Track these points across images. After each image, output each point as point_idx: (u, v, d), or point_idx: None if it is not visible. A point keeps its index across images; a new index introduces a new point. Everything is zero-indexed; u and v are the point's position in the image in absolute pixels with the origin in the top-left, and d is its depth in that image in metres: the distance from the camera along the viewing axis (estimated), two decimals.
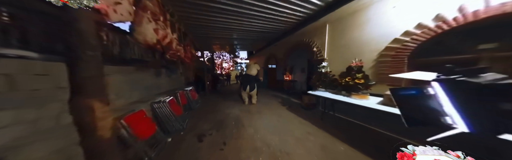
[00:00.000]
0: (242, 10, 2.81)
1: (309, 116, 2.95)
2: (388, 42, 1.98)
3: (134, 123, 1.42)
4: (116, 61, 1.81)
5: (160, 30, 1.90)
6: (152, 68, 2.70)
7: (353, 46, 2.54)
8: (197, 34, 4.44)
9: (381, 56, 2.08)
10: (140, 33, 1.60)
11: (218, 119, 2.79)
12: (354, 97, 2.10)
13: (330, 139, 1.91)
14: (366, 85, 2.09)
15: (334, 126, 2.37)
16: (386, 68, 2.01)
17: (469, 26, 1.35)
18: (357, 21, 2.46)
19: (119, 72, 1.78)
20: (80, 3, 0.90)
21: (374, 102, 1.80)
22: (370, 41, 2.26)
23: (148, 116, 1.71)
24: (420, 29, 1.65)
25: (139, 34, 1.60)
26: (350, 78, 2.31)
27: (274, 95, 5.57)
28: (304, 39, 3.84)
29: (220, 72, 13.92)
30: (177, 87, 3.81)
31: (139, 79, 2.23)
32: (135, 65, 2.12)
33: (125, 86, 1.88)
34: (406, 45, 1.78)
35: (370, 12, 2.26)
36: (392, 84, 1.95)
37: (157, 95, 2.57)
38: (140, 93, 2.22)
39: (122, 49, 1.89)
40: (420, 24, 1.65)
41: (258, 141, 1.88)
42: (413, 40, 1.71)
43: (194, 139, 1.96)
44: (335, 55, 2.98)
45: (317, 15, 2.97)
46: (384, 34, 2.04)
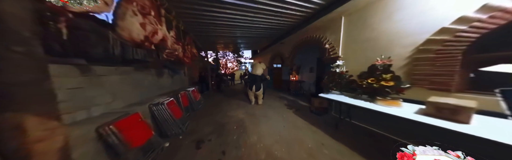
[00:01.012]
0: (244, 3, 2.48)
1: (321, 122, 2.57)
2: (430, 34, 1.53)
3: (127, 128, 1.30)
4: (112, 61, 1.69)
5: (148, 26, 1.64)
6: (153, 68, 2.55)
7: (379, 40, 2.09)
8: (198, 32, 4.20)
9: (418, 51, 1.63)
10: (124, 29, 1.34)
11: (220, 123, 2.59)
12: (380, 103, 1.68)
13: (349, 154, 1.55)
14: (398, 88, 1.65)
15: (352, 137, 1.97)
16: (427, 67, 1.56)
17: None
18: (383, 9, 2.01)
19: (115, 73, 1.68)
20: (80, 3, 0.92)
21: (410, 110, 1.38)
22: (402, 33, 1.81)
23: (143, 120, 1.57)
24: (487, 12, 1.19)
25: (123, 30, 1.34)
26: (373, 79, 1.88)
27: (280, 96, 5.18)
28: (314, 35, 3.42)
29: (225, 72, 13.78)
30: (181, 88, 3.70)
31: (138, 79, 2.13)
32: (134, 65, 2.01)
33: (121, 87, 1.77)
34: (461, 36, 1.32)
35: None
36: (435, 88, 1.50)
37: (158, 96, 2.45)
38: (139, 94, 2.13)
39: (114, 47, 1.71)
40: (487, 6, 1.19)
41: (261, 152, 1.62)
42: (474, 28, 1.25)
43: (192, 145, 1.80)
44: (352, 52, 2.54)
45: (331, 6, 2.54)
46: (424, 24, 1.59)
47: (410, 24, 1.73)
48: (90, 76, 1.38)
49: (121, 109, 1.62)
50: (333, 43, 2.90)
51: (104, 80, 1.53)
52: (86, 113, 1.32)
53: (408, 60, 1.74)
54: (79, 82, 1.27)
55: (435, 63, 1.49)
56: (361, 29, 2.33)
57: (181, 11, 2.71)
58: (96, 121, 1.22)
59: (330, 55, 2.97)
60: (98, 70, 1.46)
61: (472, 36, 1.27)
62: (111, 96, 1.61)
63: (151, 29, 1.67)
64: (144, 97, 2.21)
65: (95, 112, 1.40)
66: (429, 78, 1.55)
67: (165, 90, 2.96)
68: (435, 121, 1.10)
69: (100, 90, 1.48)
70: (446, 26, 1.42)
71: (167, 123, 1.97)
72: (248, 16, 3.05)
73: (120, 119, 1.31)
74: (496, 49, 1.22)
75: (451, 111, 1.11)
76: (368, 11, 2.22)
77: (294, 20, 3.39)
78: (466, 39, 1.30)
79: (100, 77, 1.48)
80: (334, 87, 2.51)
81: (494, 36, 1.20)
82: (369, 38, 2.22)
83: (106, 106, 1.53)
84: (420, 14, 1.64)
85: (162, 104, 1.99)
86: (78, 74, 1.27)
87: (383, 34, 2.03)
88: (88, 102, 1.35)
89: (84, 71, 1.32)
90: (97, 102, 1.44)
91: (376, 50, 2.10)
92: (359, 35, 2.38)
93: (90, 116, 1.34)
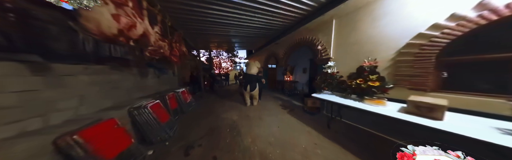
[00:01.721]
0: (238, 1, 2.44)
1: (314, 122, 2.66)
2: (409, 38, 1.68)
3: (98, 137, 1.15)
4: (82, 58, 1.49)
5: (124, 18, 1.41)
6: (135, 68, 2.36)
7: (366, 43, 2.24)
8: (189, 29, 4.02)
9: (400, 54, 1.78)
10: (90, 20, 1.14)
11: (212, 126, 2.50)
12: (368, 102, 1.81)
13: (342, 153, 1.62)
14: (383, 88, 1.79)
15: (344, 135, 2.08)
16: (407, 69, 1.70)
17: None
18: (370, 14, 2.16)
19: (84, 72, 1.48)
20: (80, 3, 0.90)
21: (394, 109, 1.51)
22: (386, 37, 1.96)
23: (120, 126, 1.42)
24: (455, 20, 1.35)
25: (89, 21, 1.14)
26: (362, 80, 2.01)
27: (274, 96, 5.27)
28: (307, 37, 3.54)
29: (218, 71, 13.62)
30: (169, 89, 3.52)
31: (116, 80, 1.93)
32: (111, 64, 1.80)
33: (93, 89, 1.59)
34: (434, 41, 1.47)
35: (386, 4, 1.95)
36: (415, 88, 1.65)
37: (142, 98, 2.27)
38: (116, 97, 1.92)
39: (85, 42, 1.52)
40: (454, 15, 1.35)
41: (255, 155, 1.58)
42: (445, 34, 1.41)
43: (180, 152, 1.67)
44: (342, 54, 2.68)
45: (323, 8, 2.66)
46: (404, 29, 1.74)
47: (393, 29, 1.87)
48: (48, 76, 1.16)
49: (93, 115, 1.45)
50: (325, 45, 3.03)
51: (69, 81, 1.32)
52: (42, 121, 1.11)
53: (392, 62, 1.88)
54: (32, 84, 1.07)
55: (414, 65, 1.64)
56: (351, 32, 2.47)
57: (168, 5, 2.51)
58: (55, 130, 1.05)
59: (322, 56, 3.10)
60: (60, 69, 1.25)
61: (443, 41, 1.42)
62: (78, 100, 1.41)
63: (127, 22, 1.45)
64: (123, 100, 2.01)
65: (55, 119, 1.20)
66: (409, 79, 1.69)
67: (150, 92, 2.76)
68: (415, 119, 1.22)
69: (63, 93, 1.27)
70: (422, 31, 1.57)
71: (150, 129, 1.79)
72: (242, 14, 2.99)
73: (89, 126, 1.15)
74: (461, 53, 1.38)
75: (428, 109, 1.24)
76: (356, 15, 2.36)
77: (288, 21, 3.48)
78: (439, 44, 1.45)
79: (63, 77, 1.27)
80: (326, 87, 2.62)
81: (461, 41, 1.36)
82: (358, 41, 2.36)
83: (71, 111, 1.34)
84: (401, 20, 1.79)
85: (145, 108, 1.82)
86: (28, 73, 1.06)
87: (370, 37, 2.17)
88: (45, 108, 1.14)
89: (38, 70, 1.10)
90: (59, 107, 1.23)
91: (364, 52, 2.24)
92: (349, 38, 2.52)
93: (48, 125, 1.14)
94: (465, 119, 1.20)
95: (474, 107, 1.26)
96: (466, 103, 1.31)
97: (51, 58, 1.20)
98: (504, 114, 1.08)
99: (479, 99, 1.26)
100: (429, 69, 1.53)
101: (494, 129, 0.99)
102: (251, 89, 3.61)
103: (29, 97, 1.05)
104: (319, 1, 2.56)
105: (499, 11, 1.13)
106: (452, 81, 1.48)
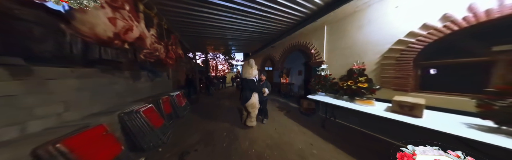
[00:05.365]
0: (234, 6, 2.55)
1: (309, 123, 2.77)
2: (391, 44, 1.87)
3: (84, 146, 1.08)
4: (68, 61, 1.39)
5: (120, 21, 1.41)
6: (127, 71, 2.30)
7: (354, 48, 2.42)
8: (185, 32, 4.02)
9: (384, 58, 1.96)
10: (85, 23, 1.13)
11: (208, 130, 2.47)
12: (358, 102, 1.95)
13: (336, 153, 1.71)
14: (371, 89, 1.95)
15: (338, 135, 2.20)
16: (391, 71, 1.88)
17: (482, 26, 1.24)
18: (357, 22, 2.36)
19: (70, 76, 1.38)
20: (80, 3, 0.89)
21: (381, 108, 1.66)
22: (372, 42, 2.15)
23: (110, 133, 1.35)
24: (426, 30, 1.54)
25: (83, 24, 1.12)
26: (352, 81, 2.18)
27: (272, 99, 5.37)
28: (302, 41, 3.73)
29: (215, 74, 13.57)
30: (163, 92, 3.46)
31: (105, 84, 1.83)
32: (100, 67, 1.72)
33: (80, 94, 1.49)
34: (411, 47, 1.66)
35: (370, 13, 2.16)
36: (397, 89, 1.81)
37: (133, 103, 2.19)
38: (106, 101, 1.84)
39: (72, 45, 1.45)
40: (425, 25, 1.55)
41: (253, 159, 1.60)
42: (419, 41, 1.60)
43: (174, 158, 1.61)
44: (334, 57, 2.86)
45: (316, 15, 2.87)
46: (387, 36, 1.94)
47: (377, 35, 2.07)
48: (28, 79, 1.07)
49: (79, 121, 1.36)
50: (318, 49, 3.22)
51: (53, 85, 1.22)
52: (18, 129, 1.02)
53: (378, 65, 2.06)
54: (8, 88, 0.98)
55: (396, 68, 1.82)
56: (341, 37, 2.66)
57: (164, 8, 2.54)
58: (34, 139, 0.96)
59: (315, 59, 3.28)
60: (43, 72, 1.16)
61: (418, 47, 1.61)
62: (63, 105, 1.31)
63: (124, 25, 1.45)
64: (113, 105, 1.91)
65: (33, 127, 1.10)
66: (392, 81, 1.87)
67: (143, 96, 2.65)
68: (399, 117, 1.36)
69: (45, 98, 1.17)
70: (401, 38, 1.76)
71: (142, 135, 1.70)
72: (239, 19, 3.10)
73: (75, 134, 1.07)
74: (433, 58, 1.57)
75: (409, 107, 1.39)
76: (345, 22, 2.56)
77: (283, 26, 3.66)
78: (415, 49, 1.64)
79: (46, 81, 1.18)
80: (320, 89, 2.77)
81: (433, 47, 1.55)
82: (348, 45, 2.55)
83: (53, 118, 1.24)
84: (384, 28, 1.99)
85: (137, 113, 1.73)
86: (6, 77, 0.97)
87: (358, 43, 2.36)
88: (23, 115, 1.05)
89: (18, 74, 1.02)
90: (39, 113, 1.13)
91: (353, 56, 2.42)
92: (339, 43, 2.71)
93: (25, 133, 1.05)
94: (439, 116, 1.36)
95: (446, 105, 1.43)
96: (439, 101, 1.48)
97: (33, 61, 1.11)
98: (469, 111, 1.24)
99: (449, 98, 1.43)
100: (409, 72, 1.70)
101: (462, 124, 1.15)
102: (242, 101, 2.53)
103: (2, 103, 0.96)
104: (311, 9, 2.75)
105: (459, 23, 1.33)
106: (427, 82, 1.67)
